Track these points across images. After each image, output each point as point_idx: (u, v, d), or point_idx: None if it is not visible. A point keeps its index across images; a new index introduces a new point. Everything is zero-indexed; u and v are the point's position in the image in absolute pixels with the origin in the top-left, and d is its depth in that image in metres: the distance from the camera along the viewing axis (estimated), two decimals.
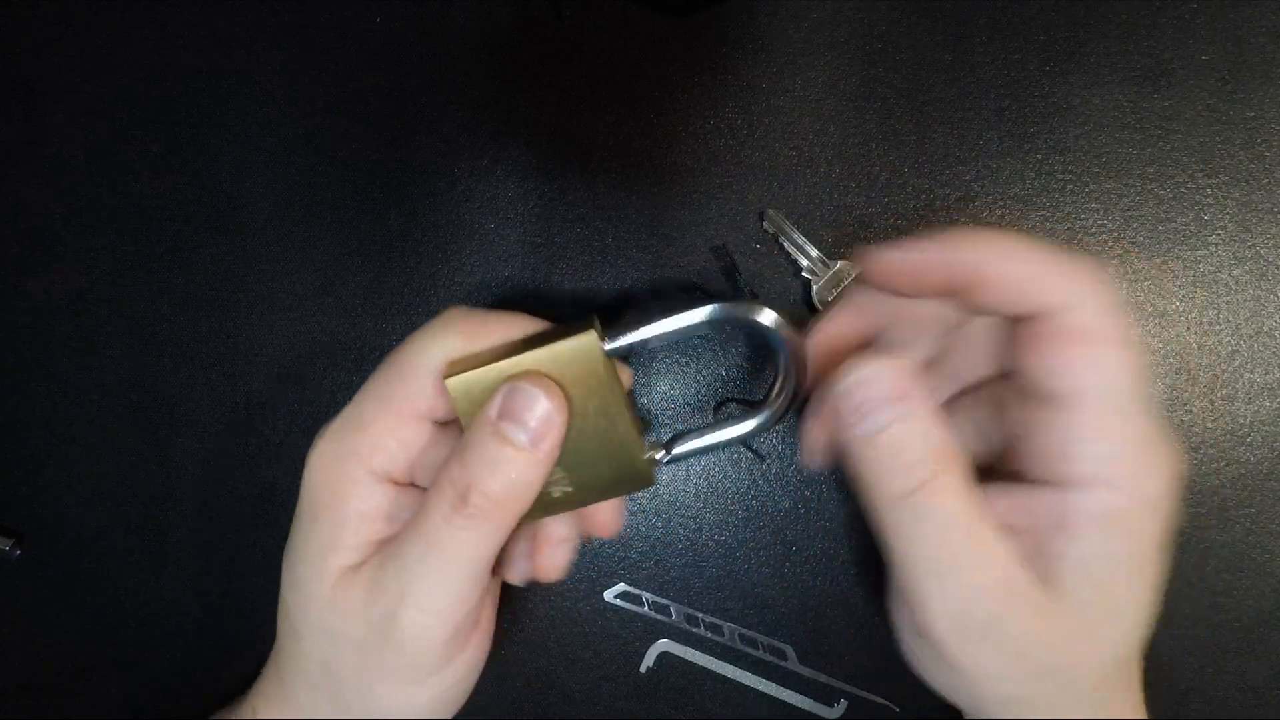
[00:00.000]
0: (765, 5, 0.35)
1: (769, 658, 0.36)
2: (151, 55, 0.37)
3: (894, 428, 0.22)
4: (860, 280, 0.24)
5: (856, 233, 0.35)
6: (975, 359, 0.25)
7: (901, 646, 0.27)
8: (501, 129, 0.36)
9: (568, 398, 0.23)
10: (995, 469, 0.25)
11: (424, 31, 0.36)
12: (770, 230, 0.35)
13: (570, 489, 0.26)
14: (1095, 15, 0.35)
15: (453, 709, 0.27)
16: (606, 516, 0.28)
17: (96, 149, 0.37)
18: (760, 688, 0.36)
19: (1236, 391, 0.35)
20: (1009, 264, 0.22)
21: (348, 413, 0.25)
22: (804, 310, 0.35)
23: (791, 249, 0.34)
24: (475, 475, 0.22)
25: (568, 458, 0.25)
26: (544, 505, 0.26)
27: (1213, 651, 0.35)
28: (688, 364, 0.36)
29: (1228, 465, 0.35)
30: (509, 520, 0.23)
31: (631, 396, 0.27)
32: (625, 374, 0.27)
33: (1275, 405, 0.35)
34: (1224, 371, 0.35)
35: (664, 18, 0.35)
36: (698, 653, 0.36)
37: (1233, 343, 0.35)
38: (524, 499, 0.23)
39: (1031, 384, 0.23)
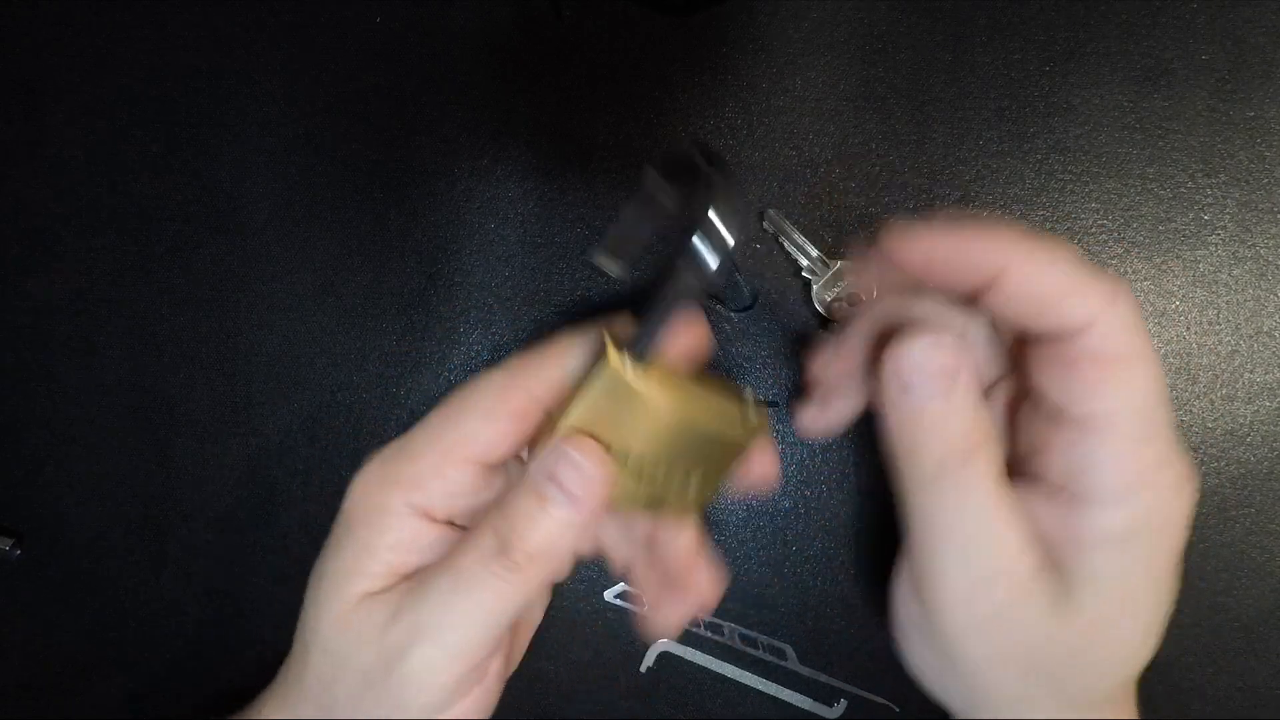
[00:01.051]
0: (765, 5, 0.35)
1: (769, 658, 0.36)
2: (151, 55, 0.37)
3: (938, 403, 0.22)
4: (876, 260, 0.23)
5: (856, 233, 0.35)
6: (982, 361, 0.25)
7: (898, 640, 0.27)
8: (501, 129, 0.36)
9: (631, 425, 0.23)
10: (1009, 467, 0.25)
11: (424, 31, 0.36)
12: (770, 230, 0.35)
13: (698, 480, 0.26)
14: (1095, 15, 0.35)
15: None
16: (761, 469, 0.28)
17: (96, 149, 0.37)
18: (760, 688, 0.36)
19: (1236, 391, 0.35)
20: (1032, 274, 0.21)
21: (401, 441, 0.25)
22: (805, 314, 0.35)
23: (791, 249, 0.34)
24: (517, 529, 0.23)
25: (677, 456, 0.25)
26: (686, 504, 0.26)
27: (1213, 651, 0.35)
28: None
29: (1228, 465, 0.35)
30: (541, 579, 0.24)
31: (702, 368, 0.26)
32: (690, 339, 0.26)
33: (1275, 405, 0.35)
34: (1224, 371, 0.35)
35: (664, 18, 0.35)
36: (698, 653, 0.36)
37: (1233, 343, 0.35)
38: (559, 558, 0.24)
39: (1051, 403, 0.22)
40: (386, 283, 0.36)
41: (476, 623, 0.23)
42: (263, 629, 0.37)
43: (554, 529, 0.23)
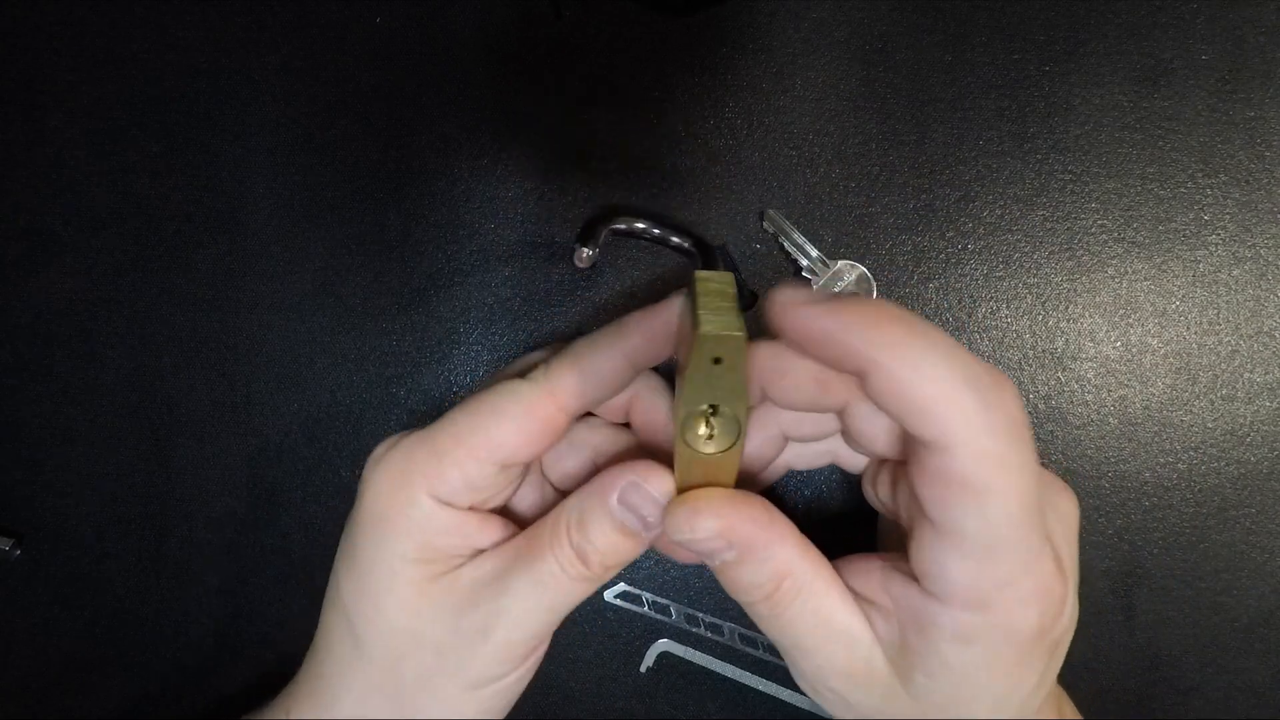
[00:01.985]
0: (765, 5, 0.35)
1: (769, 658, 0.36)
2: (151, 55, 0.37)
3: (726, 565, 0.25)
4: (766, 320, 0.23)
5: (856, 233, 0.35)
6: (881, 439, 0.25)
7: None
8: (501, 129, 0.36)
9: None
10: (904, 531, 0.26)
11: (424, 31, 0.36)
12: (770, 230, 0.35)
13: None
14: (1095, 15, 0.35)
15: (499, 714, 0.29)
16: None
17: (96, 149, 0.37)
18: (760, 688, 0.36)
19: (1236, 391, 0.35)
20: (895, 378, 0.20)
21: (424, 435, 0.26)
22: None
23: (791, 249, 0.34)
24: (595, 547, 0.25)
25: None
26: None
27: (1213, 651, 0.35)
28: None
29: (1228, 465, 0.35)
30: (608, 578, 0.26)
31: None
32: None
33: (1275, 405, 0.35)
34: (1224, 371, 0.35)
35: (664, 18, 0.35)
36: (698, 653, 0.36)
37: (1233, 343, 0.35)
38: (628, 563, 0.27)
39: (914, 494, 0.22)
40: (386, 283, 0.36)
41: (551, 612, 0.26)
42: (263, 629, 0.37)
43: (632, 548, 0.26)
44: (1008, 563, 0.21)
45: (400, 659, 0.26)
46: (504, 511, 0.29)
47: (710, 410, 0.23)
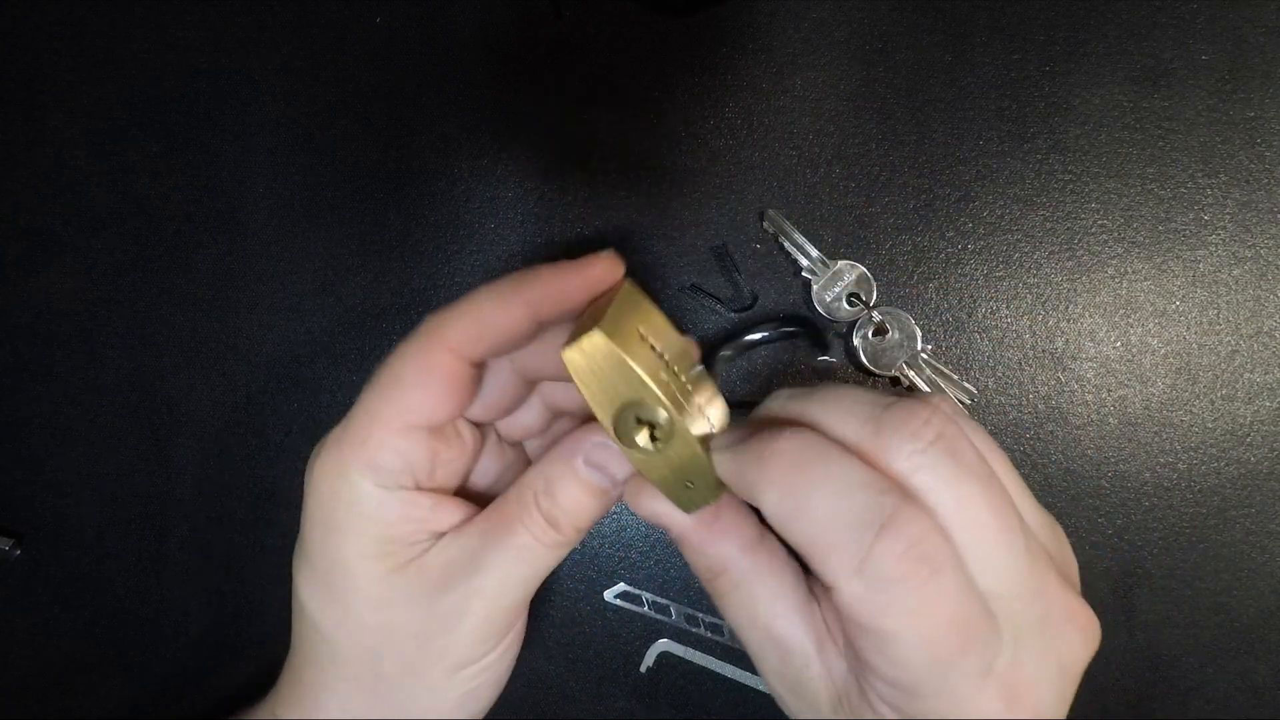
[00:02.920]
0: (765, 5, 0.35)
1: None
2: (151, 55, 0.37)
3: (675, 539, 0.25)
4: None
5: (856, 233, 0.35)
6: None
7: None
8: (501, 129, 0.36)
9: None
10: None
11: (424, 31, 0.36)
12: (770, 230, 0.35)
13: None
14: (1095, 15, 0.35)
15: (481, 705, 0.28)
16: None
17: (96, 149, 0.37)
18: (760, 687, 0.36)
19: (1236, 391, 0.35)
20: (775, 515, 0.20)
21: (345, 425, 0.26)
22: (805, 314, 0.35)
23: (791, 249, 0.35)
24: (566, 510, 0.25)
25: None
26: None
27: (1213, 651, 0.35)
28: None
29: (1228, 465, 0.35)
30: (579, 539, 0.27)
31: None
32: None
33: (1275, 405, 0.35)
34: (1224, 371, 0.35)
35: (664, 18, 0.35)
36: (698, 653, 0.36)
37: (1233, 343, 0.35)
38: (599, 520, 0.27)
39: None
40: (386, 283, 0.36)
41: (527, 583, 0.26)
42: (263, 629, 0.37)
43: (602, 506, 0.26)
44: (933, 706, 0.20)
45: (378, 655, 0.26)
46: (463, 491, 0.28)
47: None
